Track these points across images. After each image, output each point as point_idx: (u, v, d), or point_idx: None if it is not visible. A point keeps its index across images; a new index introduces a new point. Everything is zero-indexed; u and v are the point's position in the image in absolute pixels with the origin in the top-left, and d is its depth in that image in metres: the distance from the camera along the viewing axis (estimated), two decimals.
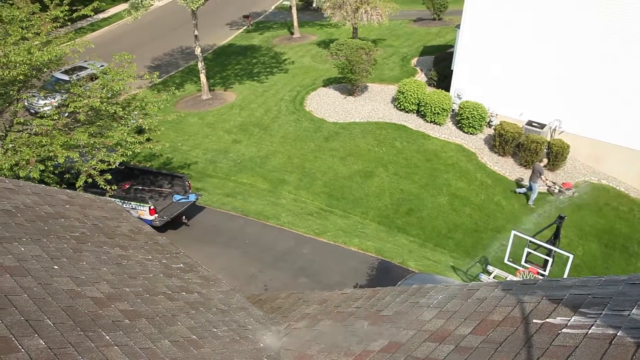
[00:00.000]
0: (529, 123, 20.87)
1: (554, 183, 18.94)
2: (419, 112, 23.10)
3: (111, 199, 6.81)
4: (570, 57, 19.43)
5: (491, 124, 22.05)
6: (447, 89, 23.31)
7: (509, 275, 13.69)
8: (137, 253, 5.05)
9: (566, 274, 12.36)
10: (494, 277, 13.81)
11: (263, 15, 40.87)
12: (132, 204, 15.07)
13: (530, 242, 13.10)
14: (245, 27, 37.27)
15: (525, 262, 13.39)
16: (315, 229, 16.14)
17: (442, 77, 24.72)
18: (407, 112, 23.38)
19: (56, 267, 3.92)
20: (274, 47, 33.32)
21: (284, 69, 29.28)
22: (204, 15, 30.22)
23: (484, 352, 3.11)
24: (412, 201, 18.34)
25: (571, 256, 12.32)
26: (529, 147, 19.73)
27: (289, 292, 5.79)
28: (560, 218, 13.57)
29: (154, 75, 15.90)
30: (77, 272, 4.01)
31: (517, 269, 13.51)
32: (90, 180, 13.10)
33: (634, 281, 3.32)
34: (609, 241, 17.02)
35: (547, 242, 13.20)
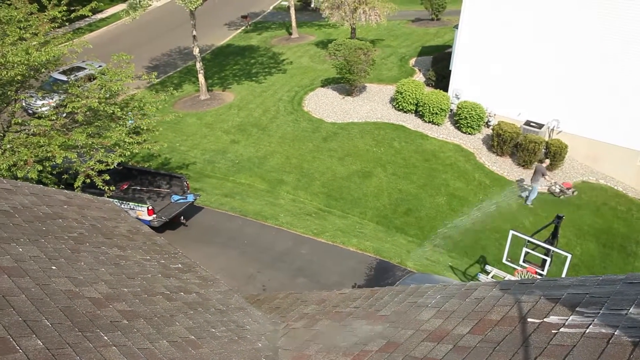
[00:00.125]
0: (527, 123, 20.89)
1: (554, 183, 18.96)
2: (417, 112, 23.11)
3: (109, 199, 6.81)
4: (569, 57, 19.46)
5: (489, 124, 22.07)
6: (446, 89, 23.33)
7: (507, 275, 13.70)
8: (135, 253, 5.05)
9: (564, 273, 12.38)
10: (492, 277, 13.82)
11: (261, 16, 40.87)
12: (130, 204, 15.06)
13: (529, 241, 13.12)
14: (243, 28, 37.27)
15: (524, 262, 13.40)
16: (314, 229, 16.14)
17: (441, 77, 24.73)
18: (405, 112, 23.39)
19: (54, 267, 3.92)
20: (272, 47, 33.32)
21: (282, 69, 29.28)
22: (202, 15, 30.18)
23: (482, 351, 3.11)
24: (410, 201, 18.36)
25: (569, 256, 12.34)
26: (527, 147, 19.76)
27: (287, 292, 5.79)
28: (559, 218, 13.59)
29: (152, 75, 15.90)
30: (75, 272, 4.01)
31: (516, 269, 13.52)
32: (88, 180, 13.10)
33: (631, 280, 3.32)
34: (607, 241, 17.04)
35: (545, 242, 13.22)
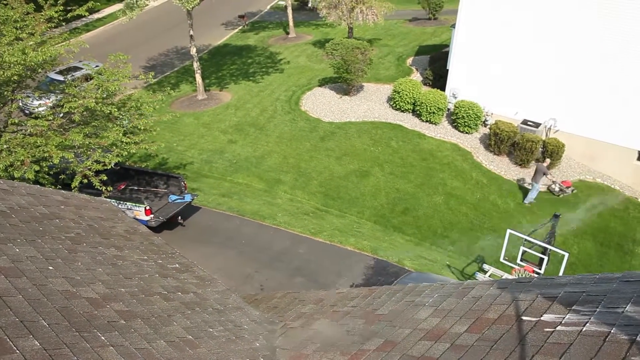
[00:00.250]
0: (524, 122, 20.92)
1: (554, 182, 18.98)
2: (414, 112, 23.13)
3: (106, 199, 6.80)
4: (566, 56, 19.48)
5: (486, 123, 22.10)
6: (443, 88, 23.35)
7: (505, 274, 13.72)
8: (133, 253, 5.04)
9: (561, 272, 12.41)
10: (489, 276, 13.84)
11: (258, 15, 40.84)
12: (127, 204, 15.03)
13: (526, 240, 13.14)
14: (240, 27, 37.23)
15: (521, 261, 13.43)
16: (311, 228, 16.14)
17: (438, 77, 24.75)
18: (402, 111, 23.40)
19: (51, 267, 3.91)
20: (270, 47, 33.30)
21: (279, 69, 29.26)
22: (199, 15, 30.16)
23: (479, 350, 3.12)
24: (407, 200, 18.37)
25: (566, 254, 12.36)
26: (524, 146, 19.79)
27: (285, 291, 5.79)
28: (556, 217, 13.63)
29: (149, 75, 15.88)
30: (72, 272, 4.00)
31: (513, 268, 13.55)
32: (85, 181, 13.08)
33: (627, 278, 3.33)
34: (604, 239, 17.08)
35: (542, 241, 13.25)
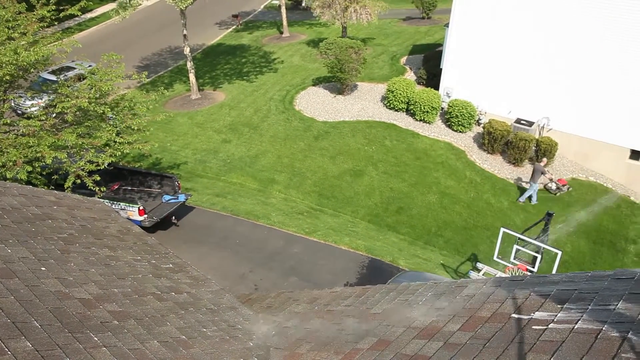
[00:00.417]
0: (518, 121, 20.99)
1: (551, 180, 19.03)
2: (408, 111, 23.16)
3: (99, 199, 6.78)
4: (560, 55, 19.56)
5: (480, 122, 22.16)
6: (436, 87, 23.39)
7: (498, 272, 13.77)
8: (126, 254, 5.03)
9: (554, 270, 12.45)
10: (483, 274, 13.89)
11: (252, 15, 40.79)
12: (121, 204, 14.98)
13: (519, 239, 13.18)
14: (234, 27, 37.17)
15: (515, 259, 13.47)
16: (306, 228, 16.14)
17: (431, 76, 24.79)
18: (396, 110, 23.44)
19: (43, 268, 3.89)
20: (264, 46, 33.26)
21: (273, 69, 29.24)
22: (192, 14, 30.08)
23: (472, 348, 3.13)
24: (402, 199, 18.40)
25: (559, 253, 12.41)
26: (518, 144, 19.86)
27: (279, 291, 5.79)
28: (549, 215, 13.68)
29: (142, 75, 15.84)
30: (65, 273, 3.98)
31: (507, 266, 13.60)
32: (78, 181, 13.03)
33: (619, 276, 3.36)
34: (596, 238, 17.17)
35: (535, 239, 13.30)
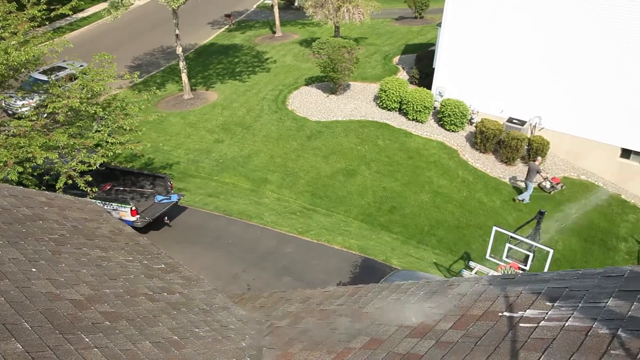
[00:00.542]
0: (510, 120, 21.09)
1: (545, 178, 19.12)
2: (401, 110, 23.21)
3: (91, 200, 6.75)
4: (551, 55, 19.66)
5: (472, 121, 22.23)
6: (429, 87, 23.45)
7: (491, 271, 13.82)
8: (118, 254, 5.01)
9: (546, 268, 12.51)
10: (475, 273, 13.93)
11: (245, 14, 40.72)
12: (113, 205, 14.92)
13: (512, 237, 13.24)
14: (227, 26, 37.10)
15: (507, 258, 13.53)
16: (299, 227, 16.13)
17: (424, 75, 24.84)
18: (389, 110, 23.48)
19: (34, 269, 3.87)
20: (256, 46, 33.21)
21: (266, 68, 29.20)
22: (185, 14, 29.98)
23: (464, 346, 3.14)
24: (394, 199, 18.43)
25: (551, 251, 12.48)
26: (510, 143, 19.95)
27: (272, 291, 5.79)
28: (541, 213, 13.75)
29: (134, 75, 15.78)
30: (56, 274, 3.96)
31: (499, 265, 13.65)
32: (70, 181, 12.96)
33: (609, 274, 3.38)
34: (588, 236, 17.28)
35: (527, 238, 13.36)
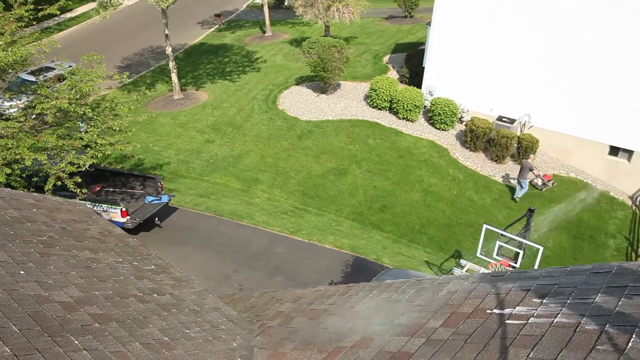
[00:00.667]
0: (499, 118, 21.19)
1: (537, 175, 19.21)
2: (391, 109, 23.26)
3: (80, 201, 6.71)
4: (540, 54, 19.78)
5: (462, 119, 22.32)
6: (419, 85, 23.51)
7: (482, 269, 13.88)
8: (107, 256, 4.98)
9: (536, 265, 12.59)
10: (466, 271, 13.99)
11: (235, 14, 40.62)
12: (103, 206, 14.83)
13: (502, 235, 13.30)
14: (216, 26, 36.99)
15: (497, 255, 13.59)
16: (290, 227, 16.12)
17: (414, 74, 24.91)
18: (379, 109, 23.52)
19: (22, 272, 3.84)
20: (246, 45, 33.14)
21: (256, 68, 29.15)
22: (174, 14, 29.86)
23: (454, 344, 3.16)
24: (385, 198, 18.47)
25: (541, 248, 12.55)
26: (500, 142, 20.05)
27: (263, 291, 5.78)
28: (530, 211, 13.82)
29: (124, 75, 15.70)
30: (45, 276, 3.94)
31: (490, 262, 13.71)
32: (59, 183, 12.87)
33: (597, 270, 3.41)
34: (577, 233, 17.41)
35: (517, 235, 13.43)
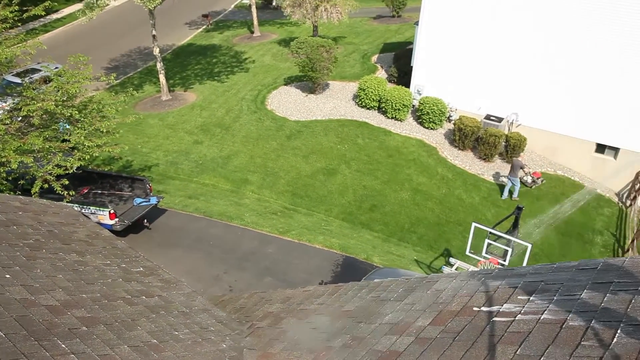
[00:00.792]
0: (487, 117, 21.31)
1: (526, 173, 19.32)
2: (380, 109, 23.31)
3: (67, 204, 6.66)
4: (526, 53, 19.92)
5: (451, 118, 22.42)
6: (408, 85, 23.59)
7: (471, 267, 13.95)
8: (95, 258, 4.95)
9: (525, 263, 12.68)
10: (456, 269, 14.05)
11: (222, 14, 40.50)
12: (91, 208, 14.72)
13: (491, 233, 13.38)
14: (204, 27, 36.86)
15: (486, 253, 13.67)
16: (279, 227, 16.11)
17: (402, 74, 24.99)
18: (368, 108, 23.56)
19: (8, 276, 3.81)
20: (234, 46, 33.06)
21: (244, 68, 29.08)
22: (161, 14, 29.69)
23: (442, 342, 3.17)
24: (375, 197, 18.51)
25: (529, 245, 12.64)
26: (488, 140, 20.16)
27: (252, 291, 5.77)
28: (519, 209, 13.92)
29: (111, 76, 15.60)
30: (31, 280, 3.90)
31: (479, 260, 13.79)
32: (46, 186, 12.75)
33: (583, 267, 3.44)
34: (565, 230, 17.55)
35: (506, 233, 13.51)
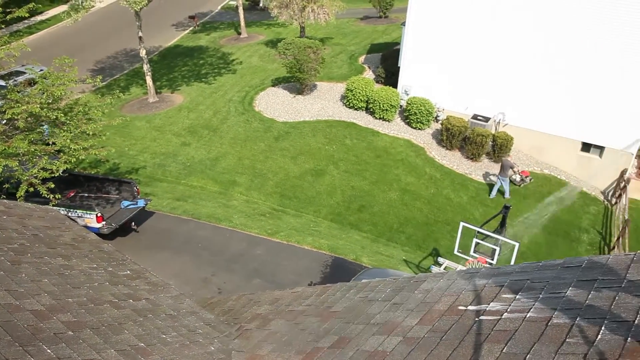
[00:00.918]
0: (474, 117, 21.45)
1: (515, 171, 19.43)
2: (367, 109, 23.36)
3: (53, 207, 6.60)
4: (512, 53, 20.07)
5: (438, 118, 22.53)
6: (395, 85, 23.66)
7: (459, 266, 14.02)
8: (81, 262, 4.91)
9: (512, 261, 12.76)
10: (444, 269, 14.11)
11: (209, 16, 40.39)
12: (78, 212, 14.60)
13: (478, 232, 13.45)
14: (191, 28, 36.73)
15: (474, 252, 13.74)
16: (268, 229, 16.08)
17: (390, 74, 25.06)
18: (356, 109, 23.60)
19: None
20: (222, 47, 32.97)
21: (232, 70, 29.01)
22: (148, 16, 29.54)
23: (430, 341, 3.18)
24: (363, 197, 18.54)
25: (517, 244, 12.73)
26: (475, 140, 20.29)
27: (240, 293, 5.75)
28: (506, 208, 13.99)
29: (97, 79, 15.49)
30: (15, 285, 3.86)
31: (467, 259, 13.86)
32: (32, 189, 12.63)
33: (568, 264, 3.48)
34: (552, 228, 17.70)
35: (494, 232, 13.59)
